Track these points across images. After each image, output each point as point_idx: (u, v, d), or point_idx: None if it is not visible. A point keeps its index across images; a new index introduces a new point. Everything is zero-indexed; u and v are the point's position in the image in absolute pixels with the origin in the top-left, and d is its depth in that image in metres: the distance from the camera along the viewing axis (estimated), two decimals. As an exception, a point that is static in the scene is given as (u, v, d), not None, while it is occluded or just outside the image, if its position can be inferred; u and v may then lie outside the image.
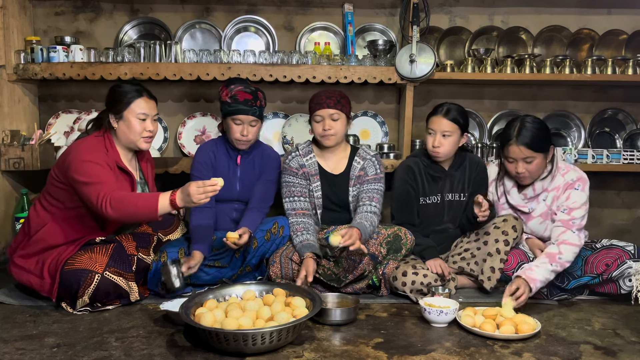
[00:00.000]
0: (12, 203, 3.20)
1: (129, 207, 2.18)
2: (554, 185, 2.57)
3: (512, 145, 2.47)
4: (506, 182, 2.67)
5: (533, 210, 2.60)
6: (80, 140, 2.43)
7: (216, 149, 2.72)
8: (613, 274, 2.42)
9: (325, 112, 2.59)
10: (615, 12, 3.59)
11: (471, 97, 3.60)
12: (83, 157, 2.28)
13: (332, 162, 2.73)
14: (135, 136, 2.40)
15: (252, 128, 2.61)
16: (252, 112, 2.57)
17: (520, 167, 2.49)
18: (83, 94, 3.51)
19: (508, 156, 2.52)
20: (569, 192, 2.51)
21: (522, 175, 2.52)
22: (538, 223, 2.61)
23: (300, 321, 1.87)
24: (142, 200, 2.20)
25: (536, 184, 2.57)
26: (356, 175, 2.69)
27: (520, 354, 1.90)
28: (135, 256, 2.39)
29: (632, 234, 3.63)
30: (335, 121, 2.60)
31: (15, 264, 2.39)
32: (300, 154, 2.70)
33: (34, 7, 3.45)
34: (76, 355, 1.85)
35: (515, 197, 2.64)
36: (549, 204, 2.57)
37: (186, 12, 3.52)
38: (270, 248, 2.57)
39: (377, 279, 2.50)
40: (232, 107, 2.56)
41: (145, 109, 2.40)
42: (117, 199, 2.18)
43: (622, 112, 3.65)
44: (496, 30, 3.55)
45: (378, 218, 2.60)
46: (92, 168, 2.25)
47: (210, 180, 2.12)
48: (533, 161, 2.47)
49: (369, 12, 3.57)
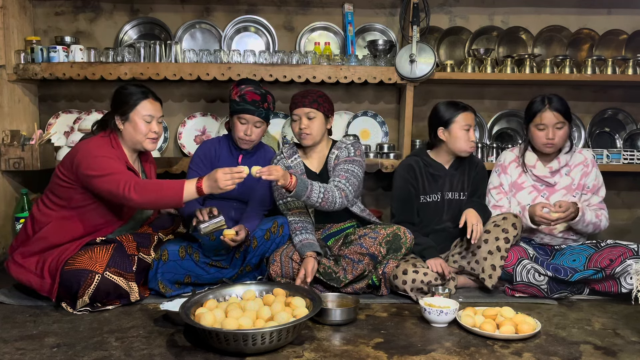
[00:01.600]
0: (12, 203, 3.20)
1: (154, 192, 2.23)
2: (575, 160, 2.71)
3: (546, 111, 2.61)
4: (529, 158, 2.73)
5: (557, 183, 2.69)
6: (87, 140, 2.43)
7: (219, 146, 2.73)
8: (616, 270, 2.42)
9: (301, 111, 2.60)
10: (615, 12, 3.59)
11: (471, 97, 3.60)
12: (95, 153, 2.30)
13: (316, 161, 2.73)
14: (141, 137, 2.41)
15: (256, 129, 2.62)
16: (257, 113, 2.58)
17: (551, 132, 2.60)
18: (83, 94, 3.51)
19: (540, 123, 2.62)
20: (595, 170, 2.71)
21: (551, 142, 2.61)
22: (561, 196, 2.67)
23: (300, 321, 1.87)
24: (166, 185, 2.24)
25: (561, 157, 2.69)
26: (332, 167, 2.65)
27: (520, 354, 1.90)
28: (135, 256, 2.40)
29: (632, 234, 3.63)
30: (311, 119, 2.59)
31: (15, 262, 2.38)
32: (285, 156, 2.71)
33: (34, 7, 3.45)
34: (76, 355, 1.85)
35: (541, 169, 2.70)
36: (574, 178, 2.68)
37: (186, 12, 3.52)
38: (270, 247, 2.57)
39: (377, 278, 2.50)
40: (239, 106, 2.58)
41: (151, 110, 2.41)
42: (141, 184, 2.23)
43: (622, 112, 3.65)
44: (496, 30, 3.55)
45: (340, 192, 2.47)
46: (106, 162, 2.28)
47: (237, 167, 2.21)
48: (563, 127, 2.61)
49: (369, 12, 3.57)
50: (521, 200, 2.70)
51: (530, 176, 2.72)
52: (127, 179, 2.22)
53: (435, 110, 2.78)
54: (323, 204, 2.43)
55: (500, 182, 2.76)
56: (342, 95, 3.60)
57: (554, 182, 2.69)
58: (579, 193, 2.68)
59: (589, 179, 2.69)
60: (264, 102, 2.61)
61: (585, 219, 2.56)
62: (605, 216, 2.68)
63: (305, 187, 2.38)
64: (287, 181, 2.34)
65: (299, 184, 2.36)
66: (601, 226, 2.65)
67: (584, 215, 2.55)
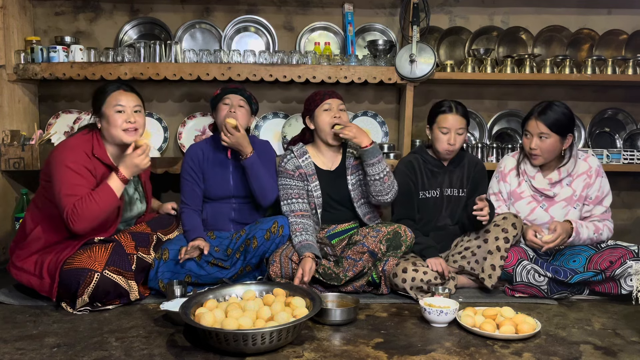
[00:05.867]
0: (12, 203, 3.20)
1: (90, 210, 2.23)
2: (579, 170, 2.64)
3: (532, 119, 2.59)
4: (529, 169, 2.69)
5: (557, 195, 2.64)
6: (66, 140, 2.45)
7: (205, 147, 2.74)
8: (616, 272, 2.42)
9: (335, 102, 2.68)
10: (615, 12, 3.59)
11: (471, 97, 3.60)
12: (67, 160, 2.29)
13: (328, 160, 2.75)
14: (116, 130, 2.38)
15: (240, 109, 2.64)
16: (240, 93, 2.66)
17: (534, 142, 2.56)
18: (83, 94, 3.50)
19: (526, 129, 2.62)
20: (600, 179, 2.63)
21: (533, 152, 2.59)
22: (561, 208, 2.64)
23: (300, 321, 1.87)
24: (96, 195, 2.26)
25: (561, 169, 2.64)
26: (352, 165, 2.73)
27: (520, 354, 1.90)
28: (134, 255, 2.39)
29: (632, 234, 3.63)
30: (343, 112, 2.70)
31: (15, 266, 2.39)
32: (296, 155, 2.71)
33: (34, 7, 3.45)
34: (76, 355, 1.85)
35: (541, 181, 2.67)
36: (576, 189, 2.63)
37: (186, 12, 3.52)
38: (270, 247, 2.57)
39: (377, 275, 2.50)
40: (222, 92, 2.68)
41: (120, 100, 2.39)
42: (76, 209, 2.22)
43: (622, 112, 3.65)
44: (496, 30, 3.55)
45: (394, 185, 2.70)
46: (70, 177, 2.27)
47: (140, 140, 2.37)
48: (547, 139, 2.55)
49: (369, 12, 3.57)
50: (519, 209, 2.68)
51: (530, 187, 2.69)
52: (73, 208, 2.22)
53: (431, 107, 2.83)
54: (386, 179, 2.59)
55: (499, 190, 2.76)
56: (342, 95, 3.57)
57: (553, 194, 2.64)
58: (579, 205, 2.64)
59: (591, 190, 2.62)
60: (246, 91, 2.70)
61: (580, 238, 2.54)
62: (609, 227, 2.62)
63: (379, 151, 2.60)
64: (361, 139, 2.55)
65: (374, 145, 2.57)
66: (602, 239, 2.60)
67: (579, 235, 2.53)
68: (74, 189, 2.26)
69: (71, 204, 2.22)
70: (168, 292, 2.31)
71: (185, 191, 2.69)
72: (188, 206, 2.67)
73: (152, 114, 3.48)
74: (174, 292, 2.30)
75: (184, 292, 2.31)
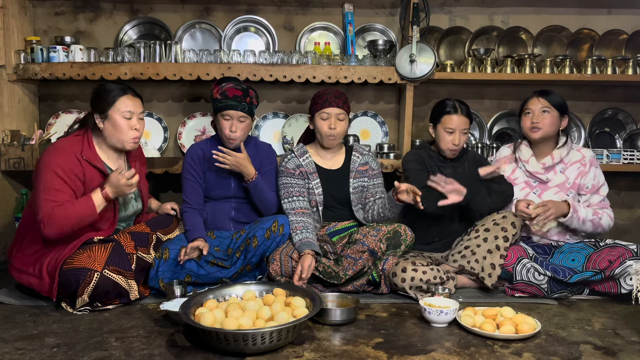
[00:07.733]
0: (12, 203, 3.20)
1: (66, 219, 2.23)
2: (573, 158, 2.71)
3: (533, 97, 2.70)
4: (523, 152, 2.75)
5: (550, 180, 2.68)
6: (57, 142, 2.45)
7: (206, 147, 2.73)
8: (615, 271, 2.42)
9: (333, 111, 2.66)
10: (615, 12, 3.58)
11: (471, 97, 3.59)
12: (51, 162, 2.30)
13: (330, 160, 2.77)
14: (123, 135, 2.40)
15: (240, 124, 2.62)
16: (240, 108, 2.60)
17: (536, 116, 2.65)
18: (83, 94, 3.50)
19: (527, 107, 2.70)
20: (594, 169, 2.69)
21: (534, 125, 2.65)
22: (553, 193, 2.67)
23: (300, 321, 1.87)
24: (78, 205, 2.26)
25: (554, 153, 2.70)
26: (357, 169, 2.74)
27: (520, 354, 1.90)
28: (134, 255, 2.39)
29: (632, 234, 3.63)
30: (340, 121, 2.68)
31: (15, 267, 2.40)
32: (297, 154, 2.72)
33: (34, 7, 3.45)
34: (76, 355, 1.85)
35: (534, 165, 2.72)
36: (569, 177, 2.68)
37: (186, 12, 3.52)
38: (271, 246, 2.57)
39: (377, 274, 2.50)
40: (221, 103, 2.60)
41: (130, 106, 2.40)
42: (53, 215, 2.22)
43: (622, 112, 3.65)
44: (496, 30, 3.55)
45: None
46: (52, 181, 2.27)
47: (129, 172, 2.31)
48: (548, 114, 2.64)
49: (369, 12, 3.57)
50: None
51: (524, 172, 2.74)
52: (50, 213, 2.22)
53: (434, 105, 2.83)
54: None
55: None
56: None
57: (546, 179, 2.69)
58: (572, 192, 2.68)
59: (587, 179, 2.68)
60: (246, 97, 2.62)
61: (579, 216, 2.56)
62: (609, 214, 2.66)
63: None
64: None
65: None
66: (603, 224, 2.63)
67: (577, 212, 2.55)
68: (55, 194, 2.26)
69: (49, 208, 2.22)
70: (168, 292, 2.32)
71: (187, 191, 2.70)
72: (190, 205, 2.67)
73: (152, 114, 3.48)
74: (174, 292, 2.30)
75: (184, 292, 2.31)
